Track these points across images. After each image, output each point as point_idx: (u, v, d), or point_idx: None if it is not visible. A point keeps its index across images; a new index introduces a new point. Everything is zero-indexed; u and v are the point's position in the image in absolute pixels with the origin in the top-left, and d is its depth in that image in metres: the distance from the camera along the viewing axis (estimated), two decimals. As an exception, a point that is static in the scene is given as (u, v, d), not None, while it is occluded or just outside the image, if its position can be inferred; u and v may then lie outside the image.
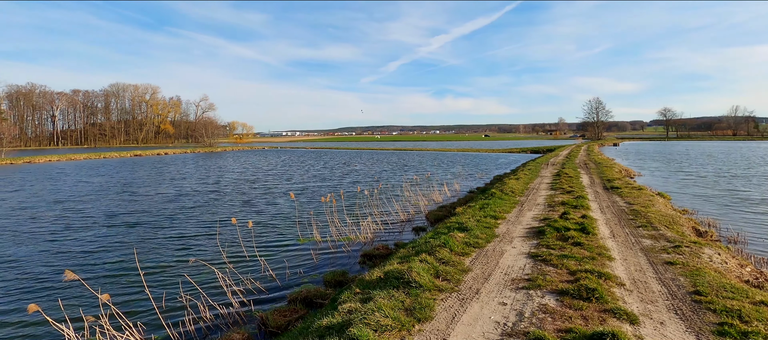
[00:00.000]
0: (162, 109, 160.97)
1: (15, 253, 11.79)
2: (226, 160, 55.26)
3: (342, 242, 12.33)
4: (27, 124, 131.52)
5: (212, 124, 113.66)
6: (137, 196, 22.46)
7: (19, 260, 11.09)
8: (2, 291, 8.94)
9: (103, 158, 62.67)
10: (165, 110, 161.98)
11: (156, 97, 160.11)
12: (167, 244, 12.53)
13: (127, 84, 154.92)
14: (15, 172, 40.36)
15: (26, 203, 20.20)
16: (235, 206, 18.76)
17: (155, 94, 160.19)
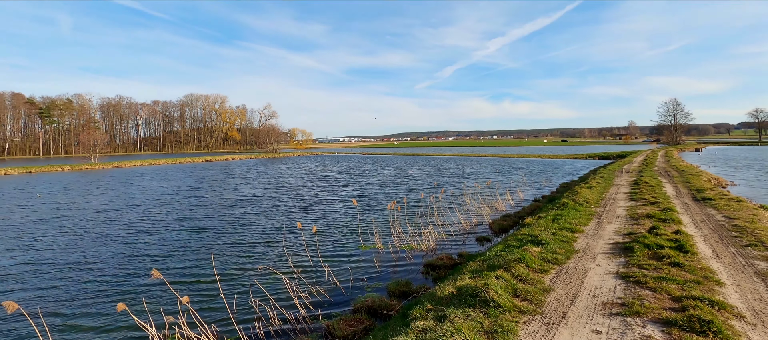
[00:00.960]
0: (229, 117, 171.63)
1: (99, 254, 12.82)
2: (287, 165, 57.45)
3: (403, 250, 12.08)
4: (116, 132, 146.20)
5: (274, 131, 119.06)
6: (205, 200, 23.82)
7: (103, 261, 12.04)
8: (93, 290, 9.67)
9: (179, 163, 67.80)
10: (232, 118, 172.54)
11: (224, 106, 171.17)
12: (235, 249, 13.00)
13: (199, 94, 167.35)
14: (105, 176, 44.80)
15: (108, 206, 22.14)
16: (295, 212, 19.20)
17: (223, 104, 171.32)
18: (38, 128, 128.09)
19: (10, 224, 17.23)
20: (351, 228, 15.22)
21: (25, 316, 7.65)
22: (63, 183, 36.15)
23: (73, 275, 10.39)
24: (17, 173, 50.14)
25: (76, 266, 11.16)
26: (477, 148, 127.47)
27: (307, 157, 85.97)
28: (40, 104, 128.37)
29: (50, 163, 68.58)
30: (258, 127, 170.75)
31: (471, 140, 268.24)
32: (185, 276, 10.32)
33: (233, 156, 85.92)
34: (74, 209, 20.93)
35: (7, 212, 20.64)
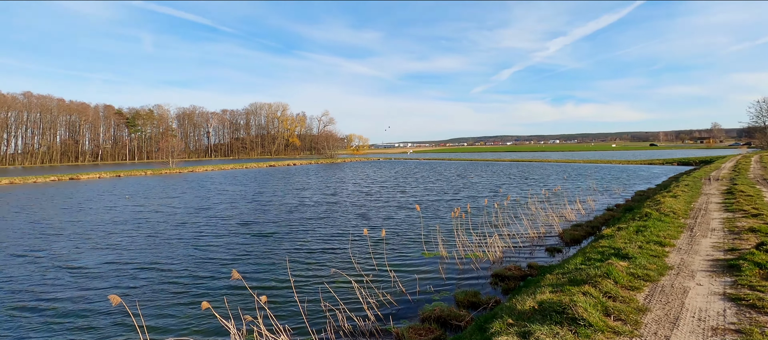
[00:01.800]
0: (290, 124, 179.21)
1: (177, 255, 13.76)
2: (344, 171, 58.70)
3: (469, 258, 11.75)
4: (189, 139, 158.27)
5: (332, 137, 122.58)
6: (269, 205, 24.88)
7: (181, 262, 12.90)
8: (174, 289, 10.37)
9: (245, 168, 71.81)
10: (293, 125, 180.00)
11: (285, 114, 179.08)
12: (301, 253, 13.37)
13: (262, 103, 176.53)
14: (180, 180, 48.56)
15: (183, 209, 23.83)
16: (356, 218, 19.42)
17: (285, 111, 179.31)
18: (125, 136, 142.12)
19: (102, 225, 19.11)
20: (413, 235, 15.10)
21: (126, 309, 8.37)
22: (146, 186, 39.68)
23: (155, 276, 11.21)
24: (109, 176, 55.89)
25: (157, 266, 12.06)
26: (538, 153, 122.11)
27: (364, 162, 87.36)
28: (126, 115, 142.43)
29: (135, 167, 75.69)
30: (317, 133, 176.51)
31: (531, 145, 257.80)
32: (258, 278, 10.75)
33: (294, 161, 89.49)
34: (154, 211, 22.80)
35: (99, 212, 22.95)
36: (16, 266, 12.14)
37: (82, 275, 11.10)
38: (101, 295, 9.56)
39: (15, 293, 9.88)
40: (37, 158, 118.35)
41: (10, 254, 13.55)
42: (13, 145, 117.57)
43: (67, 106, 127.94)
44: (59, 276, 11.04)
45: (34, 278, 10.88)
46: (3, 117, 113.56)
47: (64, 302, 9.16)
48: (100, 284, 10.38)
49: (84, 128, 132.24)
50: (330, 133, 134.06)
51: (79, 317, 8.34)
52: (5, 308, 8.94)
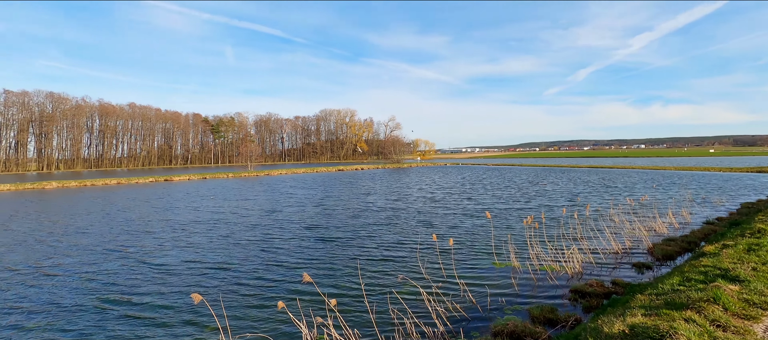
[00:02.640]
0: (358, 129, 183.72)
1: (251, 254, 14.56)
2: (411, 176, 58.68)
3: (544, 271, 11.05)
4: (266, 144, 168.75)
5: (399, 142, 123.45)
6: (340, 209, 25.51)
7: (255, 261, 13.63)
8: (250, 291, 10.96)
9: (316, 172, 74.84)
10: (360, 130, 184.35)
11: (353, 120, 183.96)
12: (369, 257, 13.50)
13: (332, 109, 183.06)
14: (256, 183, 51.81)
15: (252, 211, 25.27)
16: (422, 225, 19.23)
17: (353, 117, 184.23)
18: (210, 142, 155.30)
19: (185, 225, 20.89)
20: (482, 244, 14.59)
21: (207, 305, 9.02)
22: (227, 188, 42.92)
23: (229, 275, 11.94)
24: (197, 178, 61.41)
25: (232, 266, 12.84)
26: (620, 159, 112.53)
27: (431, 167, 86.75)
28: (211, 122, 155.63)
29: (219, 170, 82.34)
30: (383, 138, 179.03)
31: (612, 150, 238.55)
32: (327, 282, 11.02)
33: (362, 166, 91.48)
34: (232, 212, 24.46)
35: (184, 212, 25.15)
36: (108, 261, 13.38)
37: (164, 272, 11.91)
38: (178, 292, 10.32)
39: (105, 285, 10.87)
40: (139, 161, 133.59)
41: (106, 248, 15.06)
42: (120, 150, 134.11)
43: (163, 114, 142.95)
44: (143, 272, 11.93)
45: (122, 273, 11.87)
46: (113, 125, 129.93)
47: (144, 297, 9.93)
48: (178, 282, 11.09)
49: (176, 134, 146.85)
50: (396, 138, 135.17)
51: (157, 312, 9.06)
52: (94, 299, 9.95)
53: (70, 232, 18.66)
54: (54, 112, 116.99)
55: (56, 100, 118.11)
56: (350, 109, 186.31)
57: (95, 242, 16.23)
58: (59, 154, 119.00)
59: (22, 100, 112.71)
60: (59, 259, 13.71)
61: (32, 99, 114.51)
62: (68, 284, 11.06)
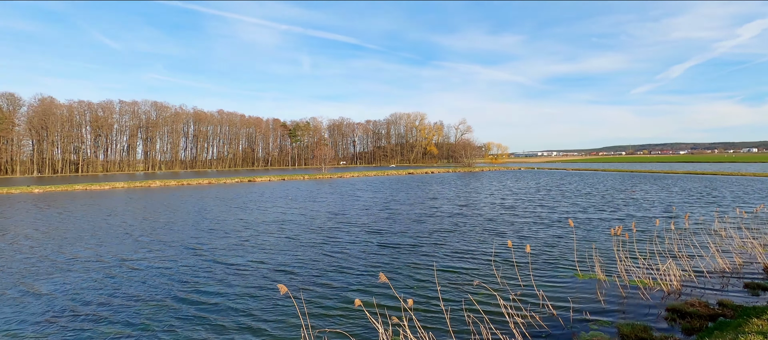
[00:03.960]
0: (428, 133, 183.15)
1: (324, 252, 15.13)
2: (482, 180, 57.14)
3: (634, 286, 10.17)
4: (338, 147, 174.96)
5: (470, 146, 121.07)
6: (415, 211, 25.60)
7: (332, 259, 14.15)
8: (332, 287, 11.43)
9: (387, 175, 75.95)
10: (430, 134, 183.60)
11: (423, 123, 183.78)
12: (444, 261, 13.40)
13: (402, 113, 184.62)
14: (330, 184, 53.88)
15: (315, 213, 26.18)
16: (495, 230, 18.66)
17: (423, 120, 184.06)
18: (288, 145, 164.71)
19: (262, 224, 22.31)
20: (563, 253, 13.79)
21: (290, 298, 9.61)
22: (304, 189, 45.22)
23: (293, 272, 12.56)
24: (276, 179, 65.56)
25: (310, 264, 13.51)
26: (727, 164, 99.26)
27: (504, 171, 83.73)
28: (289, 127, 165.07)
29: (296, 172, 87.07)
30: (454, 141, 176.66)
31: (715, 154, 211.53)
32: (402, 283, 11.15)
33: (432, 169, 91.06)
34: (301, 214, 25.68)
35: (264, 212, 26.89)
36: (185, 257, 14.38)
37: (234, 272, 12.49)
38: (246, 291, 11.11)
39: (180, 282, 11.53)
40: (226, 163, 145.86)
41: (185, 246, 16.23)
42: (211, 152, 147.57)
43: (247, 120, 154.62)
44: (215, 270, 12.50)
45: (194, 270, 12.60)
46: (205, 130, 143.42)
47: (213, 296, 10.60)
48: (247, 282, 11.81)
49: (258, 138, 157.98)
50: (467, 142, 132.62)
51: (223, 313, 9.75)
52: (169, 296, 10.97)
53: (158, 228, 20.93)
54: (157, 119, 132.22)
55: (159, 108, 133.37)
56: (420, 112, 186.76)
57: (177, 239, 18.03)
58: (161, 156, 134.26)
59: (132, 109, 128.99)
60: (144, 253, 15.19)
61: (140, 108, 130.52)
62: (147, 277, 12.32)
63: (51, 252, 15.33)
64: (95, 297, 10.27)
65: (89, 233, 19.17)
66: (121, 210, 28.38)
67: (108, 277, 12.06)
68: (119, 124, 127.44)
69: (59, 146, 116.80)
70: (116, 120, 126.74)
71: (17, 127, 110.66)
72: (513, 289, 10.15)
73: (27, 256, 14.79)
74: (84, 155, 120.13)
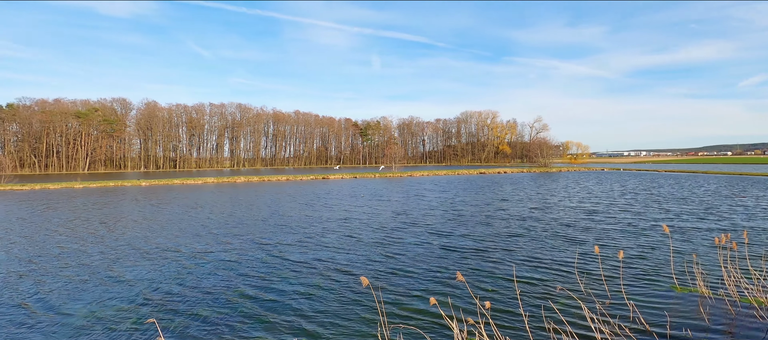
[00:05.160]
0: (500, 131, 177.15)
1: (400, 251, 15.30)
2: (559, 181, 53.94)
3: (747, 304, 9.02)
4: (408, 146, 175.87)
5: (546, 145, 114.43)
6: (491, 212, 24.97)
7: (401, 257, 14.29)
8: (387, 289, 11.60)
9: (457, 175, 74.85)
10: (503, 132, 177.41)
11: (495, 121, 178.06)
12: (521, 263, 12.96)
13: (473, 111, 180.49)
14: (398, 182, 54.35)
15: (379, 211, 26.35)
16: (571, 238, 17.57)
17: (495, 119, 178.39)
18: (359, 144, 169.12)
19: (329, 221, 23.11)
20: (655, 264, 12.63)
21: (370, 291, 9.95)
22: (372, 187, 46.19)
23: (349, 271, 12.81)
24: (348, 177, 67.74)
25: (366, 262, 13.78)
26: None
27: (584, 172, 78.25)
28: (360, 126, 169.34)
29: (366, 171, 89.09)
30: (528, 140, 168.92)
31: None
32: (478, 284, 11.00)
33: (505, 169, 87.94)
34: (364, 212, 26.15)
35: (333, 209, 27.88)
36: (252, 251, 15.01)
37: (295, 268, 12.93)
38: (305, 288, 11.57)
39: (243, 276, 11.93)
40: (301, 161, 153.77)
41: (253, 241, 16.90)
42: (288, 151, 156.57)
43: (321, 120, 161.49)
44: (278, 266, 12.84)
45: (259, 265, 13.02)
46: (283, 130, 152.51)
47: (271, 292, 11.14)
48: (306, 279, 12.26)
49: (331, 137, 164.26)
50: (543, 141, 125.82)
51: (279, 309, 10.22)
52: (231, 288, 11.64)
53: (232, 222, 22.60)
54: (241, 119, 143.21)
55: (243, 110, 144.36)
56: (492, 110, 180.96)
57: (247, 233, 19.32)
58: (245, 154, 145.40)
59: (220, 110, 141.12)
60: (215, 246, 16.39)
61: (227, 110, 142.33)
62: (216, 269, 13.34)
63: (139, 240, 17.25)
64: (166, 286, 11.07)
65: (174, 225, 21.16)
66: (204, 203, 31.22)
67: (181, 267, 12.92)
68: (209, 124, 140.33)
69: (161, 145, 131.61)
70: (207, 121, 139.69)
71: (128, 128, 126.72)
72: (599, 299, 9.53)
73: (120, 243, 16.75)
74: (180, 153, 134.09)
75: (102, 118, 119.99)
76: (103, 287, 10.90)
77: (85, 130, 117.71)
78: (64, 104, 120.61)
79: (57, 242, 17.10)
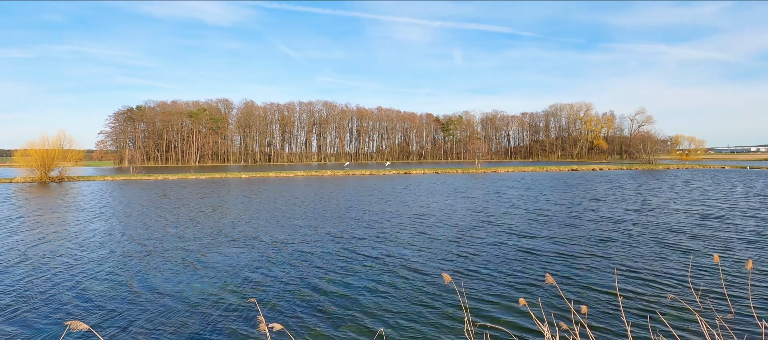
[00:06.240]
0: (595, 125, 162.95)
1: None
2: (665, 180, 47.86)
3: None
4: (492, 141, 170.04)
5: (650, 139, 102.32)
6: (581, 211, 23.14)
7: (484, 255, 13.75)
8: (480, 288, 11.19)
9: (545, 171, 70.57)
10: (598, 126, 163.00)
11: (589, 114, 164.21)
12: (622, 267, 11.78)
13: (563, 104, 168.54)
14: (481, 178, 52.66)
15: (455, 208, 25.39)
16: (681, 245, 15.45)
17: (588, 111, 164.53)
18: (440, 139, 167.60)
19: (407, 218, 22.99)
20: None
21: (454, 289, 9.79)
22: (451, 183, 45.41)
23: (417, 269, 12.45)
24: (430, 172, 67.55)
25: (435, 261, 13.40)
26: None
27: (698, 170, 68.53)
28: (442, 121, 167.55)
29: (448, 166, 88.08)
30: (629, 134, 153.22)
31: None
32: (572, 288, 10.23)
33: (600, 166, 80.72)
34: (440, 208, 25.55)
35: (412, 206, 27.80)
36: (326, 243, 15.37)
37: (372, 263, 12.98)
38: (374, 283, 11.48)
39: (315, 267, 12.24)
40: (384, 156, 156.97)
41: (330, 234, 17.24)
42: (371, 146, 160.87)
43: (402, 116, 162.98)
44: (351, 261, 12.86)
45: (333, 259, 13.18)
46: (366, 126, 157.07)
47: (342, 286, 11.35)
48: (375, 275, 12.35)
49: (412, 133, 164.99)
50: (647, 134, 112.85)
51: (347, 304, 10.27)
52: (302, 278, 12.06)
53: (313, 214, 23.52)
54: (328, 116, 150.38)
55: (329, 107, 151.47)
56: (585, 102, 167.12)
57: (324, 225, 19.90)
58: (331, 149, 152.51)
59: (308, 108, 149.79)
60: (294, 237, 17.23)
61: (314, 107, 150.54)
62: (292, 259, 13.91)
63: (229, 228, 18.82)
64: (243, 271, 11.80)
65: (262, 215, 22.62)
66: (291, 196, 33.30)
67: (261, 255, 13.70)
68: (299, 121, 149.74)
69: (258, 141, 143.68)
70: (296, 118, 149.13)
71: (230, 126, 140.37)
72: (721, 313, 8.25)
73: (212, 230, 18.44)
74: (274, 148, 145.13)
75: (209, 117, 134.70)
76: (193, 270, 12.09)
77: (196, 127, 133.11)
78: (179, 105, 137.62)
79: (163, 225, 19.57)
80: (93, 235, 17.39)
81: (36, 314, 8.68)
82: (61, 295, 9.86)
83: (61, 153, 56.07)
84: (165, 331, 7.86)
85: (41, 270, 11.99)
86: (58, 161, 55.44)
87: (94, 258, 13.39)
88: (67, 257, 13.61)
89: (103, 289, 10.34)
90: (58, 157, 55.34)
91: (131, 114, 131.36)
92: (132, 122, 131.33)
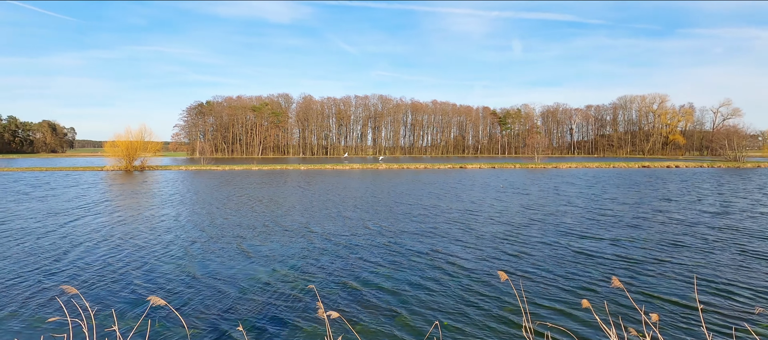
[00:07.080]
0: (671, 118, 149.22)
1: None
2: (753, 180, 42.58)
3: None
4: (553, 136, 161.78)
5: (736, 134, 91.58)
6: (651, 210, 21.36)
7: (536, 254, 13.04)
8: (530, 289, 10.63)
9: (612, 167, 65.93)
10: (674, 120, 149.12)
11: (664, 107, 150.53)
12: (704, 276, 10.68)
13: (634, 95, 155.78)
14: (539, 174, 50.26)
15: (507, 205, 24.11)
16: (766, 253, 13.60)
17: (663, 104, 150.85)
18: (498, 133, 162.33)
19: (457, 212, 22.35)
20: None
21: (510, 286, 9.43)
22: (507, 178, 43.74)
23: (463, 266, 11.89)
24: (487, 167, 65.71)
25: (483, 260, 12.81)
26: None
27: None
28: (499, 115, 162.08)
29: (506, 161, 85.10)
30: (711, 129, 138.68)
31: None
32: (642, 292, 9.44)
33: (676, 163, 73.81)
34: (491, 205, 24.46)
35: (465, 201, 27.06)
36: (371, 237, 15.69)
37: (421, 258, 13.08)
38: (417, 279, 11.12)
39: (362, 260, 12.61)
40: (439, 150, 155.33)
41: (377, 227, 17.59)
42: (425, 140, 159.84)
43: (458, 109, 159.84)
44: (398, 256, 12.82)
45: (383, 253, 13.31)
46: (420, 119, 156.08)
47: (386, 280, 11.13)
48: (428, 273, 12.08)
49: (468, 127, 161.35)
50: (733, 129, 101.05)
51: (390, 300, 10.01)
52: (346, 271, 11.97)
53: (364, 207, 23.55)
54: (383, 110, 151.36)
55: (384, 101, 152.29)
56: (659, 94, 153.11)
57: (373, 219, 19.81)
58: (386, 142, 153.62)
59: (364, 102, 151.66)
60: (346, 229, 17.31)
61: (370, 101, 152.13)
62: (338, 250, 13.92)
63: (283, 218, 19.49)
64: (289, 262, 12.14)
65: (315, 207, 23.20)
66: (345, 188, 33.89)
67: (310, 244, 14.16)
68: (355, 115, 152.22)
69: (315, 134, 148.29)
70: (352, 112, 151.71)
71: (290, 120, 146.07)
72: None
73: (267, 218, 19.29)
74: (331, 141, 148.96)
75: (270, 111, 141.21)
76: (246, 257, 12.70)
77: (259, 121, 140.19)
78: (244, 100, 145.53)
79: (223, 213, 20.73)
80: (162, 220, 18.91)
81: (107, 291, 9.59)
82: (131, 274, 10.83)
83: (143, 144, 61.69)
84: (217, 312, 8.33)
85: (117, 250, 13.27)
86: (140, 152, 61.16)
87: (161, 241, 14.57)
88: (139, 239, 14.96)
89: (166, 270, 11.20)
90: (140, 149, 61.04)
91: (201, 109, 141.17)
92: (202, 116, 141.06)
